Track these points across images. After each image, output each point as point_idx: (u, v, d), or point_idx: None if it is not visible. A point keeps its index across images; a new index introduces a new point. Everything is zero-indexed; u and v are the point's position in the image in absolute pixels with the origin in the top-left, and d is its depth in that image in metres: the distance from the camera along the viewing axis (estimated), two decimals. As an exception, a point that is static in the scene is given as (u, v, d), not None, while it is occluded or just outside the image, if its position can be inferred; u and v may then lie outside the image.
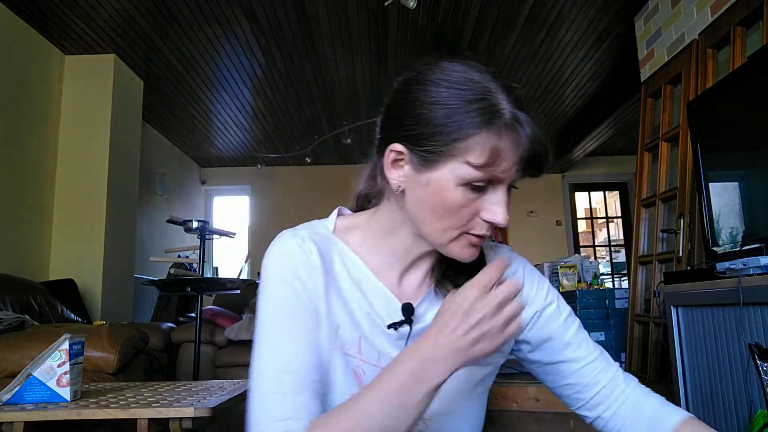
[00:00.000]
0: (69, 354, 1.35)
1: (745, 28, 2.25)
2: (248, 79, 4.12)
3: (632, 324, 2.87)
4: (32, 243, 3.31)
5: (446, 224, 0.62)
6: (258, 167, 5.89)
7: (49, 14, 3.14)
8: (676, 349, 1.84)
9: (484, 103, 0.58)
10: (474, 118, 0.57)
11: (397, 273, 0.71)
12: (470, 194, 0.60)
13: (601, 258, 7.33)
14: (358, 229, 0.73)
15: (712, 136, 1.88)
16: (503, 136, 0.58)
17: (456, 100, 0.58)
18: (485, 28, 3.45)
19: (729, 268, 1.56)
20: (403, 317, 0.67)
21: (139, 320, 4.37)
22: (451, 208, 0.61)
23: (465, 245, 0.64)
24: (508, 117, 0.58)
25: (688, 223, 2.45)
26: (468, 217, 0.62)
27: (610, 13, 3.31)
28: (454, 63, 0.62)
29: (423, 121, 0.60)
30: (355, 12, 3.22)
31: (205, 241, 2.87)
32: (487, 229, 0.63)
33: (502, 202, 0.61)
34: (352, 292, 0.68)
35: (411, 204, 0.64)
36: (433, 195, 0.61)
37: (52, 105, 3.52)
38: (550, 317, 0.75)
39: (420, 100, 0.60)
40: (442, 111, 0.58)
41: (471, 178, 0.59)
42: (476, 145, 0.57)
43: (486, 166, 0.58)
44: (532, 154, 0.60)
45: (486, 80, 0.60)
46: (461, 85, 0.59)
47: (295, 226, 0.73)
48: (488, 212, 0.61)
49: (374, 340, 0.68)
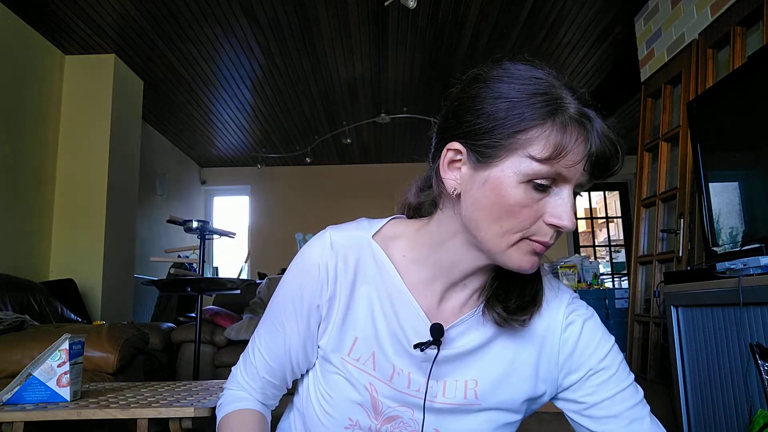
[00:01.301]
0: (69, 354, 1.35)
1: (745, 28, 2.24)
2: (248, 79, 4.12)
3: (632, 324, 2.86)
4: (32, 243, 3.31)
5: (506, 227, 0.57)
6: (258, 167, 5.88)
7: (49, 14, 3.14)
8: (676, 349, 1.84)
9: (548, 96, 0.55)
10: (538, 110, 0.54)
11: (439, 290, 0.66)
12: (533, 194, 0.56)
13: (601, 258, 7.33)
14: (404, 238, 0.68)
15: (712, 136, 1.88)
16: (569, 130, 0.54)
17: (518, 94, 0.56)
18: (485, 28, 3.45)
19: (729, 268, 1.56)
20: (431, 338, 0.63)
21: (139, 320, 4.37)
22: (511, 207, 0.56)
23: (526, 252, 0.58)
24: (574, 111, 0.55)
25: (688, 223, 2.45)
26: (530, 219, 0.56)
27: (610, 13, 3.31)
28: (518, 63, 0.60)
29: (484, 115, 0.56)
30: (355, 12, 3.22)
31: (205, 241, 2.86)
32: (552, 237, 0.57)
33: (569, 203, 0.56)
34: (383, 306, 0.66)
35: (466, 208, 0.59)
36: (491, 193, 0.57)
37: (52, 105, 3.52)
38: (604, 382, 0.66)
39: (481, 96, 0.58)
40: (505, 104, 0.55)
41: (534, 174, 0.55)
42: (540, 136, 0.54)
43: (550, 160, 0.54)
44: (602, 153, 0.55)
45: (550, 78, 0.57)
46: (525, 81, 0.57)
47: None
48: (552, 215, 0.56)
49: (394, 358, 0.65)
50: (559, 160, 0.54)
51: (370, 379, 0.66)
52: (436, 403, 0.66)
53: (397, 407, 0.66)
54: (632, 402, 0.66)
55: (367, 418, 0.66)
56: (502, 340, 0.67)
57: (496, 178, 0.56)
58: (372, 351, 0.66)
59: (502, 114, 0.55)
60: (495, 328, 0.66)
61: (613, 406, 0.65)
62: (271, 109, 4.73)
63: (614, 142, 0.56)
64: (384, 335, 0.66)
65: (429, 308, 0.66)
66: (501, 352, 0.67)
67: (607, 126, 0.56)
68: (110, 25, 3.30)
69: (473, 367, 0.66)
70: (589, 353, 0.67)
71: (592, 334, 0.68)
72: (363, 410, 0.66)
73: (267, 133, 5.37)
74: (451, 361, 0.66)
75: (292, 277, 0.69)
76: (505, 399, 0.66)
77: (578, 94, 0.57)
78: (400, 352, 0.65)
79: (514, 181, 0.55)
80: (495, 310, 0.65)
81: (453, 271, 0.65)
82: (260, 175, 6.31)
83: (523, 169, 0.55)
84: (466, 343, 0.66)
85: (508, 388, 0.66)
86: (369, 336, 0.66)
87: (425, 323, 0.65)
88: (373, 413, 0.66)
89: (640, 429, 0.64)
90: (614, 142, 0.56)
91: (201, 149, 5.85)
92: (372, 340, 0.66)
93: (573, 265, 3.89)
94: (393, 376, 0.66)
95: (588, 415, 0.66)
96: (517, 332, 0.67)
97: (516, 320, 0.64)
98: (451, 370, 0.66)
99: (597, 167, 0.56)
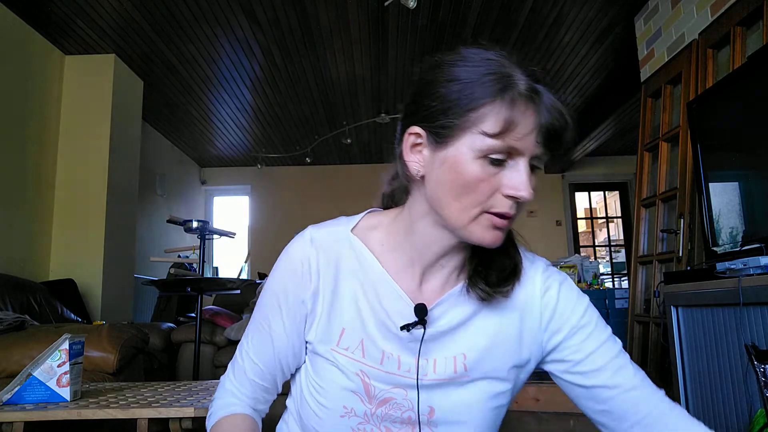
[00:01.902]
0: (69, 354, 1.35)
1: (745, 28, 2.24)
2: (248, 78, 4.13)
3: (632, 324, 2.86)
4: (32, 243, 3.31)
5: (465, 202, 0.60)
6: (258, 167, 5.89)
7: (49, 14, 3.14)
8: (676, 349, 1.84)
9: (497, 75, 0.58)
10: (488, 88, 0.57)
11: (418, 273, 0.69)
12: (489, 168, 0.58)
13: (601, 258, 7.33)
14: (381, 227, 0.71)
15: (712, 136, 1.88)
16: (517, 105, 0.57)
17: (470, 75, 0.59)
18: (485, 28, 3.45)
19: (729, 268, 1.56)
20: (416, 318, 0.66)
21: (139, 320, 4.37)
22: (469, 183, 0.59)
23: (487, 226, 0.61)
24: (523, 87, 0.58)
25: (688, 223, 2.45)
26: (488, 192, 0.59)
27: (610, 13, 3.31)
28: (471, 47, 0.62)
29: (439, 98, 0.60)
30: (355, 12, 3.22)
31: (205, 241, 2.87)
32: (510, 207, 0.60)
33: (524, 175, 0.59)
34: (366, 294, 0.68)
35: (430, 188, 0.63)
36: (450, 171, 0.60)
37: (52, 105, 3.52)
38: (589, 339, 0.69)
39: (436, 80, 0.61)
40: (457, 86, 0.59)
41: (488, 149, 0.58)
42: (491, 113, 0.57)
43: (501, 135, 0.57)
44: (551, 125, 0.58)
45: (500, 58, 0.60)
46: (476, 63, 0.60)
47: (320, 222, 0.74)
48: (509, 187, 0.59)
49: (383, 343, 0.67)
50: (510, 134, 0.57)
51: (361, 366, 0.67)
52: (427, 380, 0.67)
53: (390, 389, 0.67)
54: (614, 352, 0.69)
55: (361, 404, 0.67)
56: (484, 313, 0.69)
57: (454, 156, 0.59)
58: (360, 339, 0.67)
59: (455, 95, 0.59)
60: (477, 303, 0.69)
61: (597, 359, 0.68)
62: (271, 109, 4.73)
63: (563, 114, 0.59)
64: (370, 323, 0.67)
65: (411, 291, 0.68)
66: (485, 324, 0.69)
67: (556, 99, 0.59)
68: (110, 25, 3.30)
69: (460, 341, 0.68)
70: (569, 313, 0.70)
71: (569, 295, 0.72)
72: (356, 396, 0.67)
73: (267, 133, 5.37)
74: (437, 339, 0.68)
75: (276, 277, 0.71)
76: (492, 368, 0.68)
77: (528, 71, 0.60)
78: (388, 337, 0.67)
79: (470, 158, 0.58)
80: (479, 287, 0.67)
81: (428, 253, 0.67)
82: (260, 175, 6.31)
83: (477, 145, 0.58)
84: (451, 320, 0.68)
85: (494, 358, 0.69)
86: (356, 325, 0.68)
87: (409, 305, 0.67)
88: (367, 398, 0.67)
89: (625, 375, 0.68)
90: (563, 114, 0.59)
91: (201, 149, 5.85)
92: (359, 328, 0.68)
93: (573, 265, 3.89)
94: (383, 360, 0.67)
95: (577, 371, 0.69)
96: (499, 303, 0.69)
97: (499, 293, 0.67)
98: (438, 347, 0.68)
99: (549, 139, 0.59)
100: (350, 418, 0.67)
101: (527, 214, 6.50)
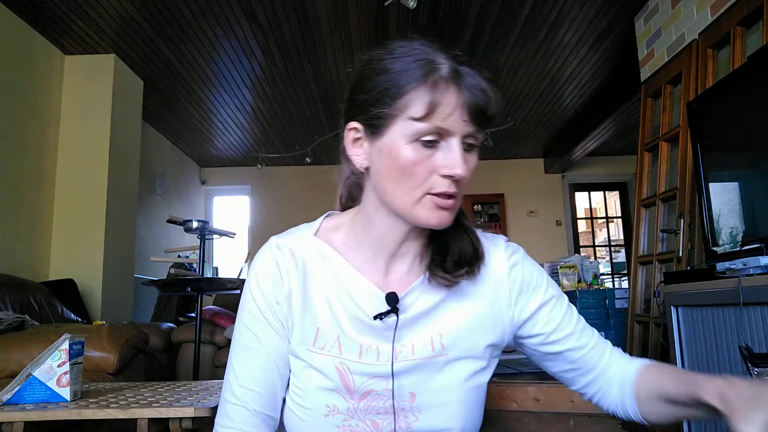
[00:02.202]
0: (69, 354, 1.35)
1: (745, 28, 2.24)
2: (248, 79, 4.13)
3: (632, 324, 2.86)
4: (32, 243, 3.31)
5: (406, 186, 0.63)
6: (258, 167, 5.89)
7: (49, 14, 3.14)
8: (676, 349, 1.84)
9: (420, 62, 0.61)
10: (411, 76, 0.61)
11: (382, 265, 0.71)
12: (422, 150, 0.61)
13: (601, 258, 7.33)
14: (342, 227, 0.74)
15: (712, 136, 1.88)
16: (439, 87, 0.60)
17: (395, 65, 0.62)
18: (485, 28, 3.45)
19: (729, 268, 1.56)
20: (388, 307, 0.67)
21: (139, 320, 4.36)
22: (405, 167, 0.62)
23: (431, 208, 0.63)
24: (446, 71, 0.61)
25: (688, 223, 2.45)
26: (425, 174, 0.62)
27: (610, 13, 3.31)
28: (399, 40, 0.66)
29: (370, 91, 0.64)
30: (355, 12, 3.22)
31: (205, 241, 2.87)
32: (449, 186, 0.62)
33: (457, 153, 0.61)
34: (337, 292, 0.69)
35: (375, 179, 0.66)
36: (387, 159, 0.63)
37: (52, 105, 3.52)
38: (555, 309, 0.74)
39: (366, 75, 0.65)
40: (384, 77, 0.62)
41: (417, 133, 0.61)
42: (415, 98, 0.60)
43: (427, 117, 0.60)
44: (474, 102, 0.61)
45: (424, 47, 0.64)
46: (401, 54, 0.63)
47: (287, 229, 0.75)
48: (443, 167, 0.61)
49: (359, 337, 0.68)
50: (435, 115, 0.60)
51: (339, 360, 0.68)
52: (406, 361, 0.68)
53: (370, 381, 0.68)
54: (576, 317, 0.76)
55: (343, 401, 0.67)
56: (455, 296, 0.71)
57: (389, 144, 0.63)
58: (336, 336, 0.68)
59: (383, 86, 0.62)
60: (445, 288, 0.71)
61: (567, 326, 0.74)
62: (271, 109, 4.73)
63: (486, 92, 0.62)
64: (344, 319, 0.68)
65: (379, 283, 0.70)
66: (457, 307, 0.71)
67: (480, 78, 0.62)
68: (110, 25, 3.30)
69: (435, 323, 0.70)
70: (533, 287, 0.75)
71: (532, 270, 0.76)
72: (337, 394, 0.67)
73: (267, 133, 5.37)
74: (411, 325, 0.69)
75: (251, 288, 0.71)
76: (469, 347, 0.70)
77: (452, 56, 0.63)
78: (363, 330, 0.68)
79: (403, 143, 0.62)
80: (438, 275, 0.69)
81: (388, 243, 0.70)
82: (260, 175, 6.31)
83: (407, 130, 0.61)
84: (422, 306, 0.70)
85: (470, 337, 0.71)
86: (330, 323, 0.68)
87: (380, 296, 0.68)
88: (348, 394, 0.67)
89: (588, 333, 0.75)
90: (486, 92, 0.62)
91: (201, 149, 5.85)
92: (334, 326, 0.68)
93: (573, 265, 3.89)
94: (361, 354, 0.68)
95: (551, 341, 0.74)
96: (468, 285, 0.72)
97: (461, 277, 0.69)
98: (414, 332, 0.69)
99: (476, 116, 0.61)
100: (334, 416, 0.67)
101: (527, 214, 6.50)
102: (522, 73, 4.15)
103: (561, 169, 6.44)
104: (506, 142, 5.87)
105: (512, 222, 6.49)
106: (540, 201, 6.49)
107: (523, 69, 4.09)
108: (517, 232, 6.43)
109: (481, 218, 6.53)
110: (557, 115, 5.11)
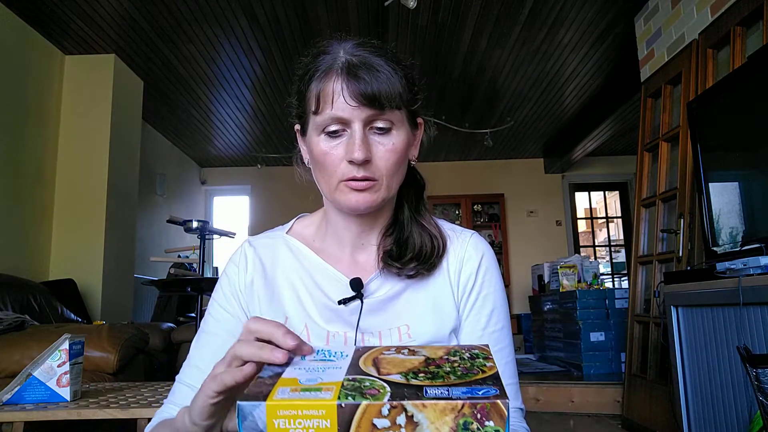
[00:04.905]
0: (69, 354, 1.35)
1: (745, 28, 2.24)
2: (248, 79, 4.13)
3: (632, 324, 2.86)
4: (32, 243, 3.31)
5: (325, 176, 0.67)
6: (258, 167, 5.89)
7: (49, 14, 3.14)
8: (676, 349, 1.84)
9: (315, 59, 0.67)
10: (311, 74, 0.66)
11: (348, 255, 0.74)
12: (330, 141, 0.65)
13: (601, 258, 7.33)
14: (312, 226, 0.79)
15: (712, 136, 1.88)
16: (324, 80, 0.64)
17: (305, 67, 0.69)
18: (485, 28, 3.45)
19: (729, 268, 1.56)
20: (353, 292, 0.70)
21: (139, 320, 4.37)
22: (318, 159, 0.67)
23: (346, 192, 0.66)
24: (331, 61, 0.65)
25: (688, 223, 2.45)
26: (336, 163, 0.66)
27: (610, 13, 3.31)
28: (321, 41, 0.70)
29: (295, 94, 0.71)
30: (355, 12, 3.22)
31: (205, 241, 2.87)
32: (357, 171, 0.64)
33: (357, 139, 0.64)
34: (304, 282, 0.72)
35: (313, 173, 0.72)
36: (310, 153, 0.69)
37: (52, 105, 3.52)
38: (472, 309, 0.73)
39: (295, 79, 0.71)
40: (298, 81, 0.69)
41: (320, 125, 0.65)
42: (311, 95, 0.66)
43: (321, 109, 0.64)
44: (358, 87, 0.63)
45: (329, 45, 0.68)
46: (309, 55, 0.69)
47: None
48: (347, 153, 0.65)
49: (326, 325, 0.70)
50: (327, 106, 0.64)
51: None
52: None
53: None
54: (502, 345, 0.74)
55: None
56: (418, 284, 0.73)
57: (308, 140, 0.69)
58: (304, 324, 0.70)
59: (296, 88, 0.70)
60: (407, 277, 0.73)
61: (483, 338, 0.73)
62: (271, 109, 4.73)
63: (370, 72, 0.63)
64: (311, 308, 0.71)
65: (346, 272, 0.73)
66: (421, 294, 0.73)
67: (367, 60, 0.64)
68: (110, 25, 3.30)
69: (401, 314, 0.72)
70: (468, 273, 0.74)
71: (486, 273, 0.75)
72: None
73: (267, 133, 5.37)
74: (377, 311, 0.71)
75: (220, 277, 0.76)
76: (434, 334, 0.72)
77: (345, 49, 0.66)
78: (330, 318, 0.70)
79: (315, 137, 0.67)
80: (390, 265, 0.71)
81: (348, 234, 0.74)
82: (260, 175, 6.31)
83: (315, 125, 0.66)
84: (387, 291, 0.72)
85: (434, 324, 0.72)
86: (298, 312, 0.71)
87: (345, 282, 0.71)
88: None
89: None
90: (370, 72, 0.63)
91: (201, 149, 5.85)
92: (301, 314, 0.71)
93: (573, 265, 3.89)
94: (329, 340, 0.70)
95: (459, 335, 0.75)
96: (428, 275, 0.74)
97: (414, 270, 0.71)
98: (381, 321, 0.71)
99: (363, 99, 0.63)
100: None
101: (527, 214, 6.50)
102: (522, 73, 4.15)
103: (561, 169, 6.44)
104: (506, 142, 5.87)
105: (512, 222, 6.49)
106: (540, 201, 6.49)
107: (523, 69, 4.09)
108: (517, 232, 6.43)
109: (481, 218, 6.53)
110: (557, 115, 5.11)
